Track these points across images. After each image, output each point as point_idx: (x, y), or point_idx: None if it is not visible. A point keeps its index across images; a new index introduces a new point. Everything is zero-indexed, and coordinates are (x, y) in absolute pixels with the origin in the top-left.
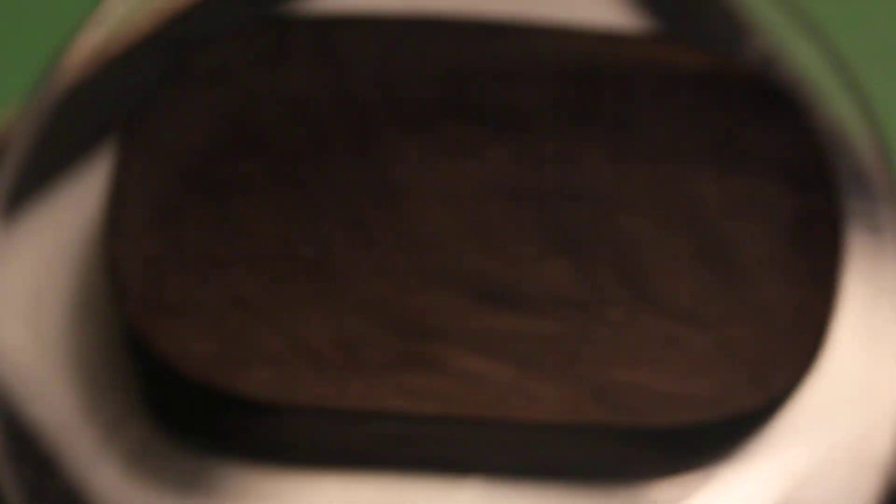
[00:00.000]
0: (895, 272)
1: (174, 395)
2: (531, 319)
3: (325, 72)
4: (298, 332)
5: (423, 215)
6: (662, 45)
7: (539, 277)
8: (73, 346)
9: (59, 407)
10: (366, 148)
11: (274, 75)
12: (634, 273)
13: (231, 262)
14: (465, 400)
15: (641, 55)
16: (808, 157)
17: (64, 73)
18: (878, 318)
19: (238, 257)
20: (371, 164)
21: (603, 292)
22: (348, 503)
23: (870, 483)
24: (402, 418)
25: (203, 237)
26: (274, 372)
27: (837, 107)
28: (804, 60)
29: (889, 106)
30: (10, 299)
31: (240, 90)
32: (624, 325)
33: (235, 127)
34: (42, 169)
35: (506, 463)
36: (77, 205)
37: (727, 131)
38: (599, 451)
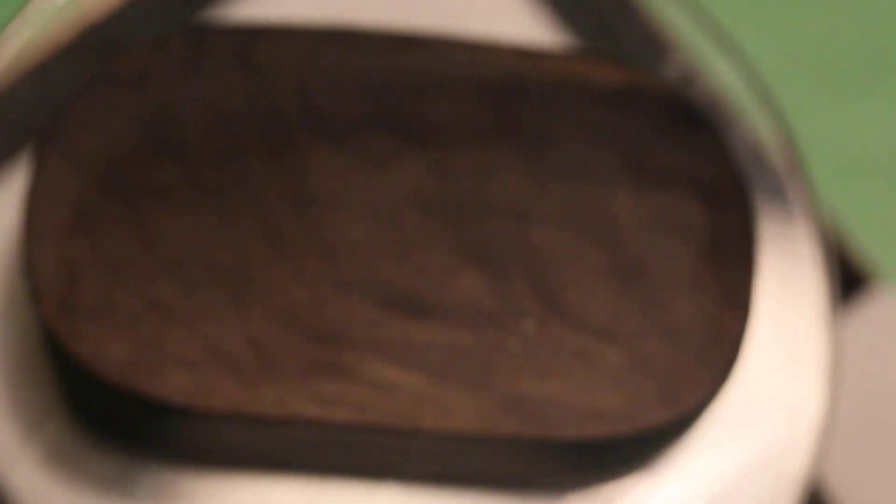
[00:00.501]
0: (811, 289)
1: (91, 397)
2: (444, 330)
3: (245, 81)
4: (213, 337)
5: (339, 225)
6: (580, 62)
7: (453, 289)
8: None
9: None
10: (283, 157)
11: (193, 83)
12: (548, 287)
13: (147, 267)
14: (378, 408)
15: (559, 71)
16: (723, 176)
17: None
18: (793, 335)
19: (154, 262)
20: (288, 173)
21: (516, 305)
22: None
23: (786, 496)
24: (315, 425)
25: (120, 242)
26: (189, 377)
27: (754, 124)
28: (721, 78)
29: (806, 120)
30: None
31: (159, 97)
32: (536, 338)
33: (154, 133)
34: None
35: (419, 471)
36: None
37: (643, 148)
38: (512, 462)
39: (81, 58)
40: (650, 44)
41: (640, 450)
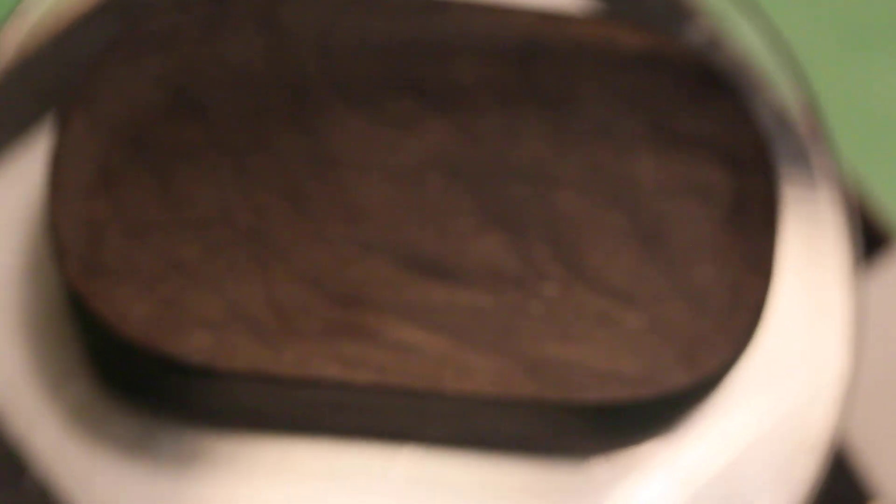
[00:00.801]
0: (834, 252)
1: (114, 357)
2: (466, 292)
3: (268, 42)
4: (235, 298)
5: (361, 187)
6: (603, 26)
7: (475, 251)
8: (18, 306)
9: (2, 363)
10: (306, 119)
11: (216, 44)
12: (569, 250)
13: (170, 227)
14: (399, 370)
15: (582, 34)
16: (746, 141)
17: (9, 43)
18: (816, 296)
19: (177, 222)
20: (310, 135)
21: (538, 268)
22: (284, 465)
23: (807, 458)
24: (336, 386)
25: (143, 202)
26: (210, 336)
27: (778, 89)
28: (745, 42)
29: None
30: None
31: (183, 58)
32: (558, 301)
33: (177, 94)
34: None
35: (440, 433)
36: (25, 171)
37: (666, 113)
38: (532, 425)
39: (103, 22)
40: (674, 8)
41: (661, 414)
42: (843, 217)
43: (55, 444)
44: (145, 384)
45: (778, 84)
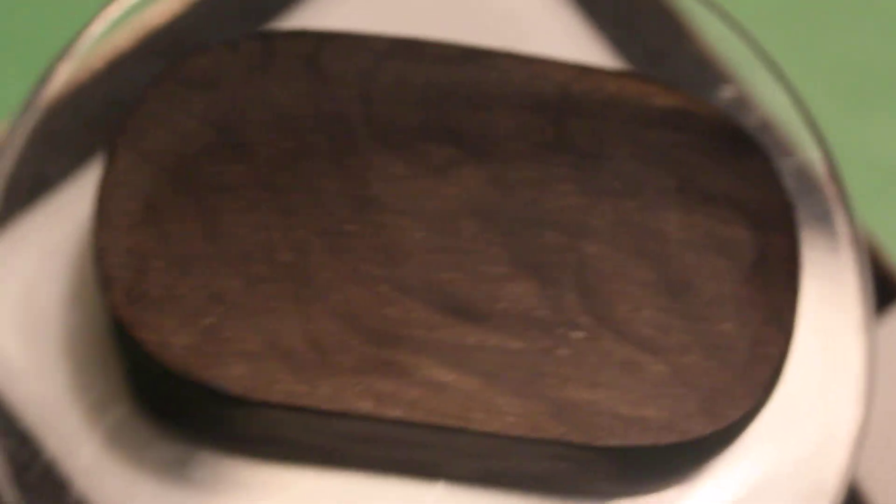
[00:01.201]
0: (854, 313)
1: (154, 384)
2: (496, 335)
3: (312, 85)
4: (273, 331)
5: (398, 229)
6: (636, 82)
7: (506, 296)
8: (63, 332)
9: (45, 386)
10: (346, 161)
11: (261, 86)
12: (597, 299)
13: (212, 261)
14: (429, 407)
15: (616, 90)
16: (771, 200)
17: (60, 78)
18: (833, 357)
19: (219, 256)
20: (350, 176)
21: (566, 314)
22: (316, 496)
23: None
24: (367, 420)
25: (186, 235)
26: (248, 368)
27: (801, 151)
28: (770, 105)
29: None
30: (8, 286)
31: (228, 98)
32: (585, 347)
33: (222, 132)
34: (41, 168)
35: (468, 470)
36: (74, 202)
37: (694, 170)
38: (555, 467)
39: (152, 59)
40: (703, 71)
41: (681, 461)
42: (860, 272)
43: (94, 465)
44: (183, 411)
45: (801, 146)
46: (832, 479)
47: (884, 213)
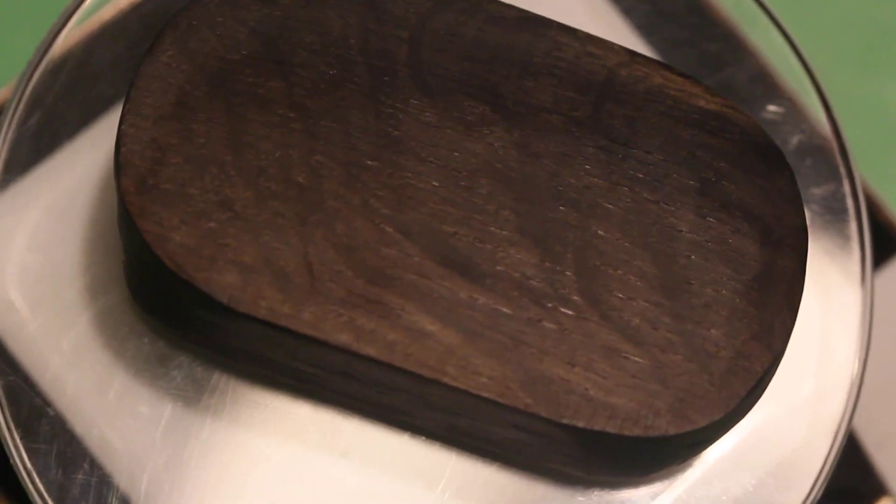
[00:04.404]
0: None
1: (148, 277)
2: (488, 296)
3: (365, 19)
4: (272, 248)
5: (415, 174)
6: (682, 80)
7: (505, 260)
8: (80, 212)
9: (42, 261)
10: (381, 98)
11: (317, 10)
12: (594, 280)
13: (228, 168)
14: (406, 353)
15: (659, 82)
16: (788, 221)
17: (66, 35)
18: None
19: (236, 165)
20: (381, 114)
21: (560, 290)
22: (283, 419)
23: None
24: (344, 352)
25: (210, 138)
26: (239, 278)
27: (832, 176)
28: (813, 124)
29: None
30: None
31: (282, 15)
32: (571, 325)
33: (268, 46)
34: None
35: (435, 423)
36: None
37: (718, 175)
38: (520, 436)
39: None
40: (752, 82)
41: (644, 457)
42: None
43: (75, 347)
44: (170, 310)
45: (832, 170)
46: (830, 427)
47: (888, 169)
